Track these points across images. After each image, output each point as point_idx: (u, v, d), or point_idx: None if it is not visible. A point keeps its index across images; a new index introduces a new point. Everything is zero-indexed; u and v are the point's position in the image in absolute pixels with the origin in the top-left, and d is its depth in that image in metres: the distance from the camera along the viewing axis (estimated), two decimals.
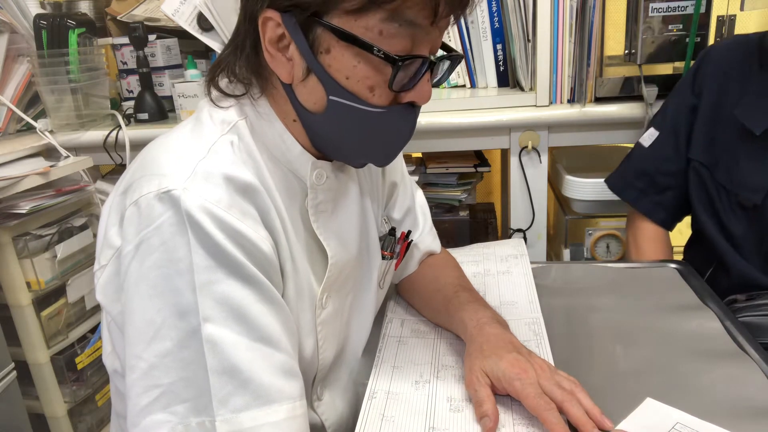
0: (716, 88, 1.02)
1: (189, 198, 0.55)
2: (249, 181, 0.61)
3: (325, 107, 0.61)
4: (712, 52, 1.05)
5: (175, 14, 1.37)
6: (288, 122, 0.66)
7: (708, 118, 1.03)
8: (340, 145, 0.66)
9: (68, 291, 1.40)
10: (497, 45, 1.38)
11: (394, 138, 0.66)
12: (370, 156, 0.69)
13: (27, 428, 1.34)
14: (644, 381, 0.72)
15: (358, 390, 0.81)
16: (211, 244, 0.55)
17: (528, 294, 0.92)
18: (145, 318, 0.55)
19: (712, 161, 1.02)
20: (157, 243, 0.55)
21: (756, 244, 0.98)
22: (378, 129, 0.63)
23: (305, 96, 0.62)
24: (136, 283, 0.56)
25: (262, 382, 0.56)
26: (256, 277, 0.58)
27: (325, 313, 0.72)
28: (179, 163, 0.59)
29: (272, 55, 0.61)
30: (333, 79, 0.59)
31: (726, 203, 1.00)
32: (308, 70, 0.60)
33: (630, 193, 1.15)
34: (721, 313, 0.86)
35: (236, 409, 0.55)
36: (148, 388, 0.55)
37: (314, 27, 0.58)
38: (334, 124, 0.62)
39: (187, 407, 0.54)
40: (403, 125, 0.65)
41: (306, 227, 0.70)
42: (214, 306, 0.55)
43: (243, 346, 0.56)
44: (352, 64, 0.58)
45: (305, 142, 0.67)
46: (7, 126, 1.46)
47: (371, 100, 0.60)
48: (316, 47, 0.59)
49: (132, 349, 0.56)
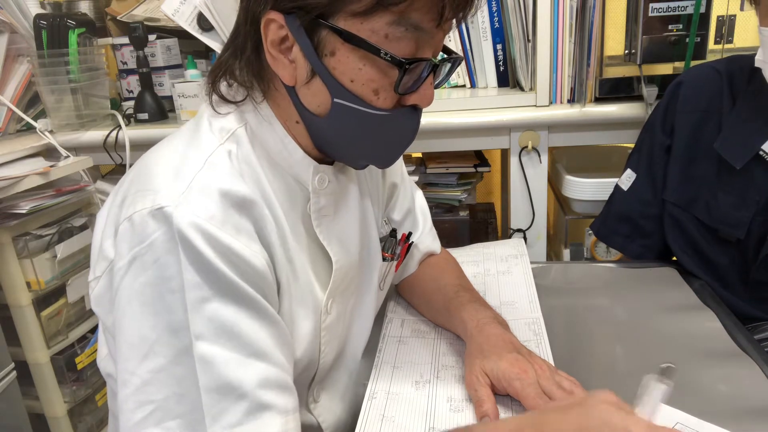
0: (691, 124, 1.00)
1: (181, 215, 0.55)
2: (245, 195, 0.60)
3: (329, 110, 0.61)
4: (681, 89, 1.02)
5: (175, 14, 1.37)
6: (290, 125, 0.66)
7: (682, 155, 1.01)
8: (343, 147, 0.66)
9: (68, 291, 1.40)
10: (497, 45, 1.38)
11: (397, 141, 0.66)
12: (372, 158, 0.68)
13: (27, 428, 1.34)
14: None
15: (358, 391, 0.81)
16: (202, 261, 0.55)
17: (528, 294, 0.92)
18: (140, 334, 0.55)
19: (688, 199, 1.00)
20: (149, 260, 0.55)
21: (741, 274, 0.96)
22: (382, 132, 0.63)
23: (309, 98, 0.62)
24: (128, 299, 0.56)
25: (255, 398, 0.56)
26: (247, 294, 0.58)
27: (329, 319, 0.72)
28: (175, 177, 0.59)
29: (274, 57, 0.61)
30: (338, 82, 0.59)
31: (708, 238, 0.98)
32: (312, 73, 0.60)
33: (616, 240, 1.12)
34: (722, 313, 0.86)
35: (229, 425, 0.55)
36: (141, 403, 0.55)
37: (319, 29, 0.57)
38: (338, 126, 0.62)
39: (179, 423, 0.55)
40: (407, 128, 0.65)
41: (308, 233, 0.70)
42: (206, 323, 0.55)
43: (235, 362, 0.56)
44: (358, 67, 0.58)
45: (307, 144, 0.67)
46: (7, 126, 1.46)
47: (376, 103, 0.60)
48: (320, 50, 0.58)
49: (125, 364, 0.56)
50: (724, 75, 0.99)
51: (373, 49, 0.57)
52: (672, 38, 1.17)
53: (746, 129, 0.93)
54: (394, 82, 0.59)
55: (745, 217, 0.92)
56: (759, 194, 0.91)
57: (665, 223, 1.04)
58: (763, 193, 0.91)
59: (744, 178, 0.93)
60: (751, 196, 0.92)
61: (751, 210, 0.92)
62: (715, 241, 0.97)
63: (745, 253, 0.94)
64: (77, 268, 1.43)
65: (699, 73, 1.02)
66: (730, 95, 0.97)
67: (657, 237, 1.07)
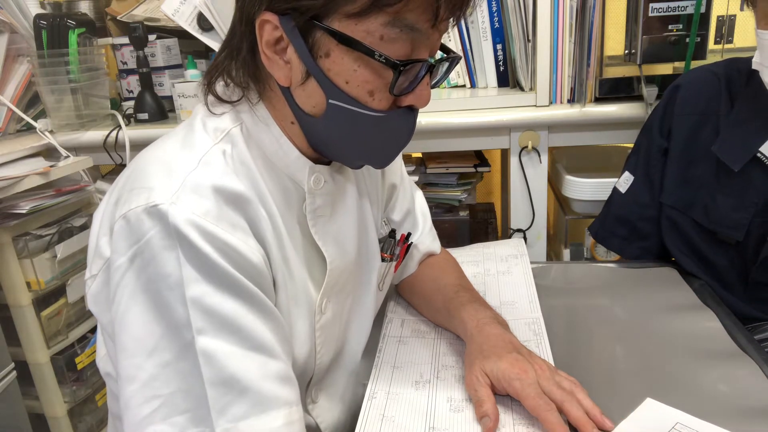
0: (688, 127, 1.00)
1: (176, 212, 0.55)
2: (239, 192, 0.60)
3: (325, 111, 0.61)
4: (679, 92, 1.02)
5: (175, 14, 1.37)
6: (285, 125, 0.66)
7: (679, 158, 1.01)
8: (338, 147, 0.66)
9: (68, 291, 1.40)
10: (497, 45, 1.38)
11: (394, 141, 0.66)
12: (368, 158, 0.68)
13: (27, 428, 1.34)
14: (644, 381, 0.72)
15: (357, 392, 0.81)
16: (200, 257, 0.55)
17: (528, 294, 0.92)
18: (145, 329, 0.55)
19: (686, 202, 1.00)
20: (147, 258, 0.55)
21: (740, 275, 0.96)
22: (377, 132, 0.63)
23: (304, 99, 0.62)
24: (131, 295, 0.56)
25: (259, 390, 0.56)
26: (246, 288, 0.58)
27: (324, 319, 0.72)
28: (168, 175, 0.59)
29: (269, 58, 0.60)
30: (332, 83, 0.59)
31: (706, 240, 0.97)
32: (307, 74, 0.60)
33: (614, 242, 1.13)
34: (722, 313, 0.86)
35: (235, 418, 0.55)
36: (148, 398, 0.55)
37: (313, 31, 0.57)
38: (334, 127, 0.62)
39: (186, 418, 0.55)
40: (403, 128, 0.65)
41: (304, 233, 0.70)
42: (206, 318, 0.55)
43: (237, 355, 0.56)
44: (352, 69, 0.58)
45: (302, 145, 0.67)
46: (7, 126, 1.46)
47: (371, 104, 0.60)
48: (315, 51, 0.58)
49: (130, 360, 0.56)
50: (722, 78, 0.98)
51: (367, 51, 0.56)
52: (672, 38, 1.17)
53: (744, 131, 0.93)
54: (389, 83, 0.59)
55: (744, 219, 0.92)
56: (757, 196, 0.91)
57: (663, 226, 1.04)
58: (761, 195, 0.91)
59: (742, 180, 0.93)
60: (749, 198, 0.92)
61: (750, 212, 0.92)
62: (713, 243, 0.97)
63: (744, 255, 0.94)
64: (77, 268, 1.43)
65: (697, 76, 1.02)
66: (728, 98, 0.97)
67: (655, 239, 1.07)
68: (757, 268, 0.93)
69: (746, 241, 0.93)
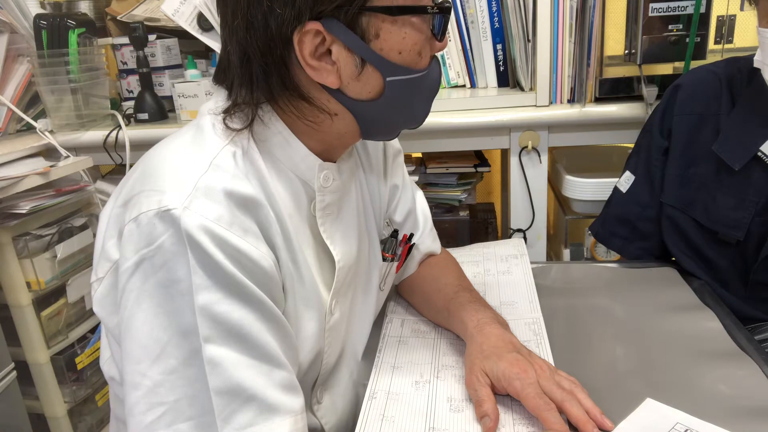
0: (688, 126, 1.00)
1: (189, 217, 0.55)
2: (251, 195, 0.60)
3: (383, 91, 0.63)
4: (679, 92, 1.02)
5: (175, 14, 1.37)
6: (293, 125, 0.65)
7: (680, 157, 1.01)
8: (394, 121, 0.68)
9: (68, 291, 1.40)
10: (497, 45, 1.38)
11: (433, 93, 0.70)
12: (413, 121, 0.71)
13: (27, 428, 1.34)
14: (644, 381, 0.72)
15: (358, 391, 0.81)
16: (211, 264, 0.55)
17: (528, 294, 0.92)
18: (151, 336, 0.55)
19: (687, 201, 1.00)
20: (158, 263, 0.55)
21: (740, 275, 0.96)
22: (425, 89, 0.67)
23: (359, 90, 0.63)
24: (137, 301, 0.56)
25: (265, 399, 0.56)
26: (255, 296, 0.58)
27: (333, 319, 0.72)
28: (180, 178, 0.58)
29: (314, 68, 0.60)
30: (388, 61, 0.61)
31: (707, 240, 0.97)
32: (362, 63, 0.61)
33: (615, 242, 1.12)
34: (722, 313, 0.86)
35: (240, 426, 0.55)
36: (152, 405, 0.55)
37: (359, 19, 0.59)
38: (392, 102, 0.64)
39: (191, 425, 0.55)
40: (437, 78, 0.68)
41: (313, 233, 0.70)
42: (214, 326, 0.55)
43: (244, 364, 0.56)
44: (401, 37, 0.61)
45: (310, 144, 0.67)
46: (7, 126, 1.46)
47: (419, 65, 0.64)
48: (366, 37, 0.60)
49: (135, 366, 0.56)
50: (723, 78, 0.98)
51: (421, 9, 0.61)
52: (672, 38, 1.17)
53: (745, 130, 0.93)
54: (428, 36, 0.63)
55: (744, 218, 0.92)
56: (758, 195, 0.91)
57: (663, 226, 1.04)
58: (762, 194, 0.91)
59: (743, 179, 0.93)
60: (750, 198, 0.92)
61: (750, 211, 0.92)
62: (714, 243, 0.97)
63: (744, 255, 0.94)
64: (77, 268, 1.43)
65: (697, 76, 1.02)
66: (730, 98, 0.97)
67: (656, 239, 1.07)
68: (757, 268, 0.93)
69: (747, 241, 0.93)
